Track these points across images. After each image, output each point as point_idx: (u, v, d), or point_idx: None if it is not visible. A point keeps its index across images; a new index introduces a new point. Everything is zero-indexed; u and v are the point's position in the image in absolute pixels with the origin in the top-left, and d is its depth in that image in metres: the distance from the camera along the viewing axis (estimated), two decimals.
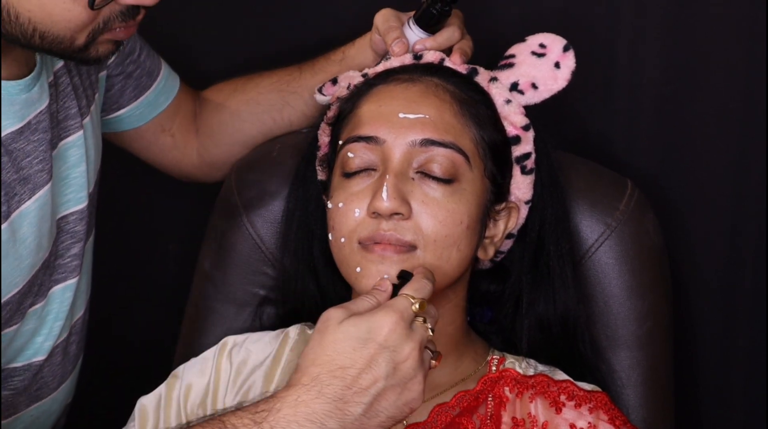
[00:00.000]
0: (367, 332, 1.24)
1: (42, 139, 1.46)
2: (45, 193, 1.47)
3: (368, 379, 1.23)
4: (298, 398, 1.23)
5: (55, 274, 1.54)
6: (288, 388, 1.24)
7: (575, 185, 1.62)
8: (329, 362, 1.24)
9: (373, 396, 1.23)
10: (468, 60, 1.51)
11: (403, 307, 1.27)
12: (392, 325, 1.24)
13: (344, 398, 1.23)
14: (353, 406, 1.23)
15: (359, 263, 1.39)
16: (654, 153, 1.83)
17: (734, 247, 1.82)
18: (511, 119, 1.46)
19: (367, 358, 1.23)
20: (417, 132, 1.41)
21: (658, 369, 1.63)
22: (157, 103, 1.72)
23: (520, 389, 1.43)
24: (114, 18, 1.36)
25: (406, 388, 1.25)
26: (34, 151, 1.45)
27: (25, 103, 1.43)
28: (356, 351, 1.24)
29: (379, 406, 1.24)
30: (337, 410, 1.22)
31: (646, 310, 1.62)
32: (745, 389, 1.85)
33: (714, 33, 1.77)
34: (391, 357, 1.24)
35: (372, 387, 1.23)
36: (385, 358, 1.23)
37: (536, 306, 1.51)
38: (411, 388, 1.25)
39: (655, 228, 1.64)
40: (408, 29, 1.54)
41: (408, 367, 1.25)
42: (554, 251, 1.50)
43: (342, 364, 1.23)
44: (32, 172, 1.45)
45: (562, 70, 1.47)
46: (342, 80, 1.54)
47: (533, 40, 1.50)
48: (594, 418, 1.42)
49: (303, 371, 1.24)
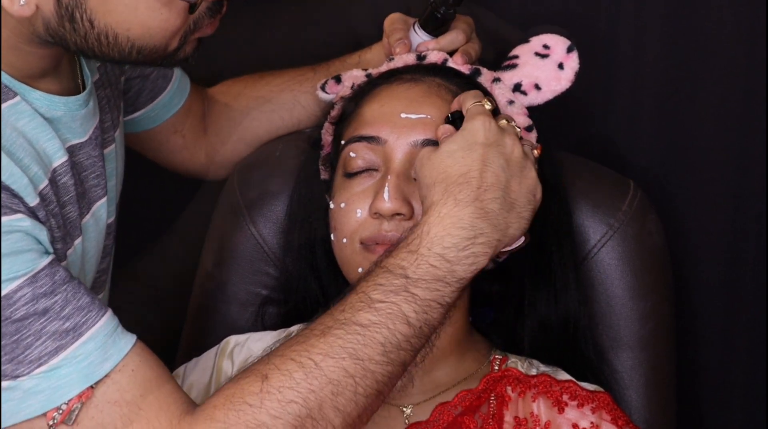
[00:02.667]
0: (466, 140, 1.30)
1: (99, 154, 1.45)
2: (100, 207, 1.46)
3: (491, 175, 1.28)
4: (439, 214, 1.27)
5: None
6: (425, 214, 1.28)
7: (578, 186, 1.62)
8: (449, 176, 1.29)
9: (502, 189, 1.28)
10: (472, 62, 1.51)
11: (480, 110, 1.32)
12: (484, 125, 1.30)
13: (479, 198, 1.27)
14: (490, 203, 1.28)
15: (361, 264, 1.39)
16: (655, 154, 1.83)
17: (736, 247, 1.83)
18: (514, 120, 1.46)
19: (480, 158, 1.29)
20: (419, 132, 1.41)
21: (661, 369, 1.63)
22: (171, 105, 1.72)
23: (522, 389, 1.43)
24: (203, 17, 1.35)
25: (523, 176, 1.31)
26: (92, 166, 1.44)
27: (84, 118, 1.41)
28: (466, 157, 1.29)
29: (510, 198, 1.29)
30: (479, 210, 1.27)
31: (649, 311, 1.62)
32: (746, 389, 1.85)
33: (714, 33, 1.77)
34: (498, 151, 1.29)
35: (497, 181, 1.28)
36: (495, 153, 1.29)
37: (538, 307, 1.50)
38: (527, 175, 1.31)
39: (657, 229, 1.64)
40: (413, 33, 1.55)
41: (517, 155, 1.30)
42: (556, 252, 1.50)
43: (461, 171, 1.28)
44: (88, 186, 1.44)
45: (565, 71, 1.47)
46: (346, 80, 1.54)
47: (537, 41, 1.50)
48: (597, 418, 1.42)
49: (430, 193, 1.29)
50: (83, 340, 1.22)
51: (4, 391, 1.20)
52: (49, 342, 1.21)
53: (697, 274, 1.83)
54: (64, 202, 1.36)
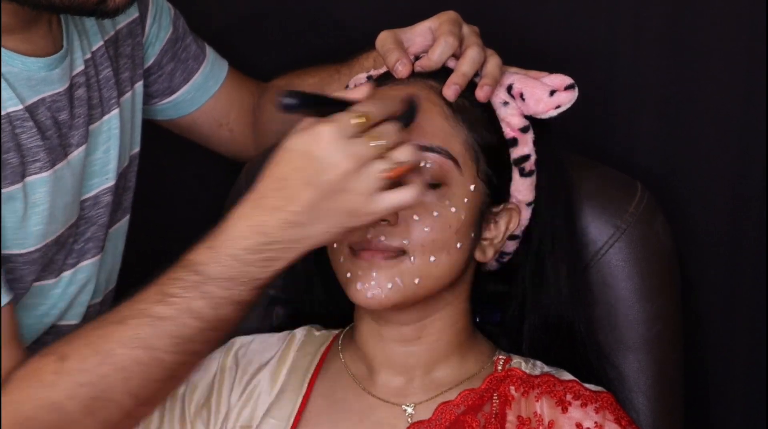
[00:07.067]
0: (307, 143, 1.27)
1: (57, 118, 1.49)
2: (62, 168, 1.49)
3: (305, 188, 1.26)
4: (244, 211, 1.29)
5: (70, 257, 1.56)
6: (241, 202, 1.30)
7: (585, 187, 1.61)
8: (273, 172, 1.28)
9: (312, 205, 1.26)
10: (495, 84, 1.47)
11: (339, 120, 1.27)
12: (328, 136, 1.26)
13: (285, 208, 1.27)
14: (294, 215, 1.27)
15: (349, 269, 1.40)
16: (656, 155, 1.82)
17: (739, 248, 1.81)
18: (508, 121, 1.46)
19: (303, 168, 1.26)
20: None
21: (667, 373, 1.62)
22: (206, 87, 1.76)
23: (525, 388, 1.43)
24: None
25: (343, 198, 1.26)
26: (52, 126, 1.48)
27: (43, 81, 1.46)
28: (294, 161, 1.27)
29: (319, 213, 1.27)
30: (281, 220, 1.27)
31: (655, 313, 1.61)
32: (754, 393, 1.84)
33: (714, 33, 1.77)
34: (325, 165, 1.25)
35: (309, 197, 1.26)
36: (320, 167, 1.25)
37: (539, 308, 1.50)
38: (348, 198, 1.26)
39: (665, 230, 1.64)
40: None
41: (341, 174, 1.25)
42: (550, 254, 1.50)
43: (282, 174, 1.27)
44: (51, 146, 1.48)
45: (551, 99, 1.46)
46: (350, 83, 1.55)
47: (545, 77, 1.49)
48: (600, 418, 1.42)
49: (259, 181, 1.30)
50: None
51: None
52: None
53: (702, 276, 1.82)
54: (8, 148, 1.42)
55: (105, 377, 1.29)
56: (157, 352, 1.29)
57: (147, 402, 1.34)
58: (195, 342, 1.31)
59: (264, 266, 1.29)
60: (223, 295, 1.29)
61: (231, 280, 1.29)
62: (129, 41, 1.63)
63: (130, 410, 1.32)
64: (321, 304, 1.58)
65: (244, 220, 1.29)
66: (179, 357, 1.31)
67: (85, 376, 1.30)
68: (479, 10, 1.64)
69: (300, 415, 1.45)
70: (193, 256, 1.30)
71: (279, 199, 1.27)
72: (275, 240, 1.28)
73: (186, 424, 1.47)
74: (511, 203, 1.47)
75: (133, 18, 1.64)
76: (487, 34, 1.50)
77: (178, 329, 1.29)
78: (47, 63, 1.47)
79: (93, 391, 1.30)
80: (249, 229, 1.28)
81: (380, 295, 1.38)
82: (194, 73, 1.75)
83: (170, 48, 1.72)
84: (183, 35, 1.74)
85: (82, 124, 1.52)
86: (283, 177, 1.27)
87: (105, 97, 1.57)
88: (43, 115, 1.46)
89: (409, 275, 1.39)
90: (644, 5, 1.78)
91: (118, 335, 1.30)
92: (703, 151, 1.80)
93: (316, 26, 1.95)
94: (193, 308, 1.29)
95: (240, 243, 1.28)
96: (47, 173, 1.46)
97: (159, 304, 1.30)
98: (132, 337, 1.29)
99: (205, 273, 1.29)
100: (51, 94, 1.48)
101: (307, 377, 1.48)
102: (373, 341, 1.47)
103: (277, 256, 1.29)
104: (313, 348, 1.51)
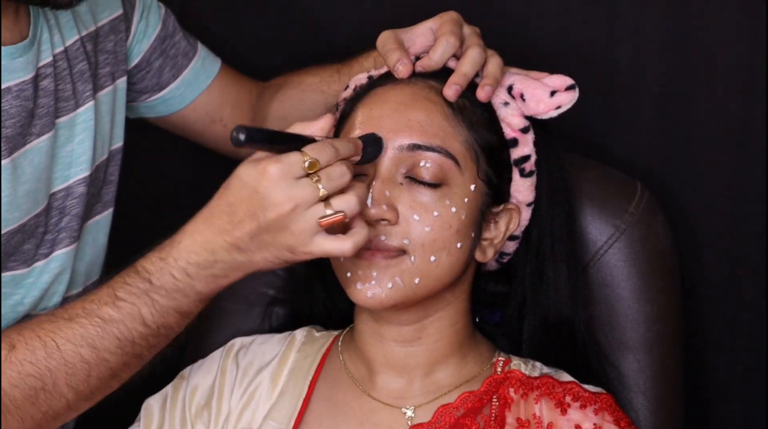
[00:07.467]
0: (252, 179, 1.31)
1: (24, 107, 1.48)
2: (19, 156, 1.49)
3: (251, 220, 1.31)
4: (197, 227, 1.34)
5: (42, 247, 1.56)
6: (195, 217, 1.35)
7: (585, 187, 1.61)
8: (228, 194, 1.33)
9: (254, 236, 1.31)
10: (496, 84, 1.47)
11: (293, 160, 1.30)
12: (278, 176, 1.29)
13: (232, 233, 1.32)
14: (239, 241, 1.32)
15: (349, 269, 1.40)
16: (656, 155, 1.82)
17: (739, 248, 1.81)
18: (509, 121, 1.46)
19: (251, 200, 1.31)
20: (404, 136, 1.40)
21: (667, 373, 1.62)
22: (197, 83, 1.76)
23: (525, 390, 1.43)
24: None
25: (282, 236, 1.31)
26: (17, 115, 1.48)
27: (6, 69, 1.46)
28: (247, 189, 1.31)
29: (261, 243, 1.32)
30: (227, 243, 1.33)
31: (655, 313, 1.61)
32: (754, 393, 1.84)
33: (714, 33, 1.77)
34: (270, 201, 1.30)
35: (253, 228, 1.31)
36: (264, 204, 1.30)
37: (539, 308, 1.50)
38: (287, 238, 1.31)
39: (665, 230, 1.64)
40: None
41: (283, 214, 1.30)
42: (549, 255, 1.50)
43: (235, 199, 1.32)
44: (10, 134, 1.47)
45: (552, 99, 1.46)
46: (351, 82, 1.55)
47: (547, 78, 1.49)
48: (599, 419, 1.42)
49: (217, 195, 1.35)
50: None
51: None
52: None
53: (702, 276, 1.82)
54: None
55: (51, 370, 1.35)
56: (102, 352, 1.36)
57: (89, 397, 1.39)
58: (138, 345, 1.37)
59: (209, 282, 1.35)
60: (169, 304, 1.36)
61: (177, 292, 1.35)
62: (111, 37, 1.63)
63: (71, 403, 1.38)
64: (321, 304, 1.58)
65: (195, 235, 1.34)
66: (123, 359, 1.37)
67: (31, 367, 1.35)
68: (480, 11, 1.64)
69: (300, 418, 1.45)
70: (145, 263, 1.36)
71: (227, 222, 1.32)
72: (221, 259, 1.33)
73: (187, 425, 1.47)
74: (511, 203, 1.47)
75: (116, 15, 1.64)
76: (488, 35, 1.50)
77: (123, 333, 1.36)
78: (10, 51, 1.47)
79: (38, 382, 1.35)
80: (198, 245, 1.33)
81: (380, 294, 1.38)
82: (184, 69, 1.75)
83: (159, 45, 1.72)
84: (173, 32, 1.74)
85: (45, 114, 1.52)
86: (232, 202, 1.32)
87: (79, 90, 1.57)
88: (8, 104, 1.47)
89: (409, 275, 1.39)
90: (644, 5, 1.78)
91: (67, 332, 1.36)
92: (703, 151, 1.80)
93: (315, 26, 1.95)
94: (140, 314, 1.36)
95: (190, 257, 1.34)
96: (6, 161, 1.47)
97: (108, 306, 1.36)
98: (80, 336, 1.35)
99: (153, 282, 1.35)
100: (17, 82, 1.48)
101: (307, 380, 1.48)
102: (372, 342, 1.47)
103: (224, 274, 1.35)
104: (314, 349, 1.51)
